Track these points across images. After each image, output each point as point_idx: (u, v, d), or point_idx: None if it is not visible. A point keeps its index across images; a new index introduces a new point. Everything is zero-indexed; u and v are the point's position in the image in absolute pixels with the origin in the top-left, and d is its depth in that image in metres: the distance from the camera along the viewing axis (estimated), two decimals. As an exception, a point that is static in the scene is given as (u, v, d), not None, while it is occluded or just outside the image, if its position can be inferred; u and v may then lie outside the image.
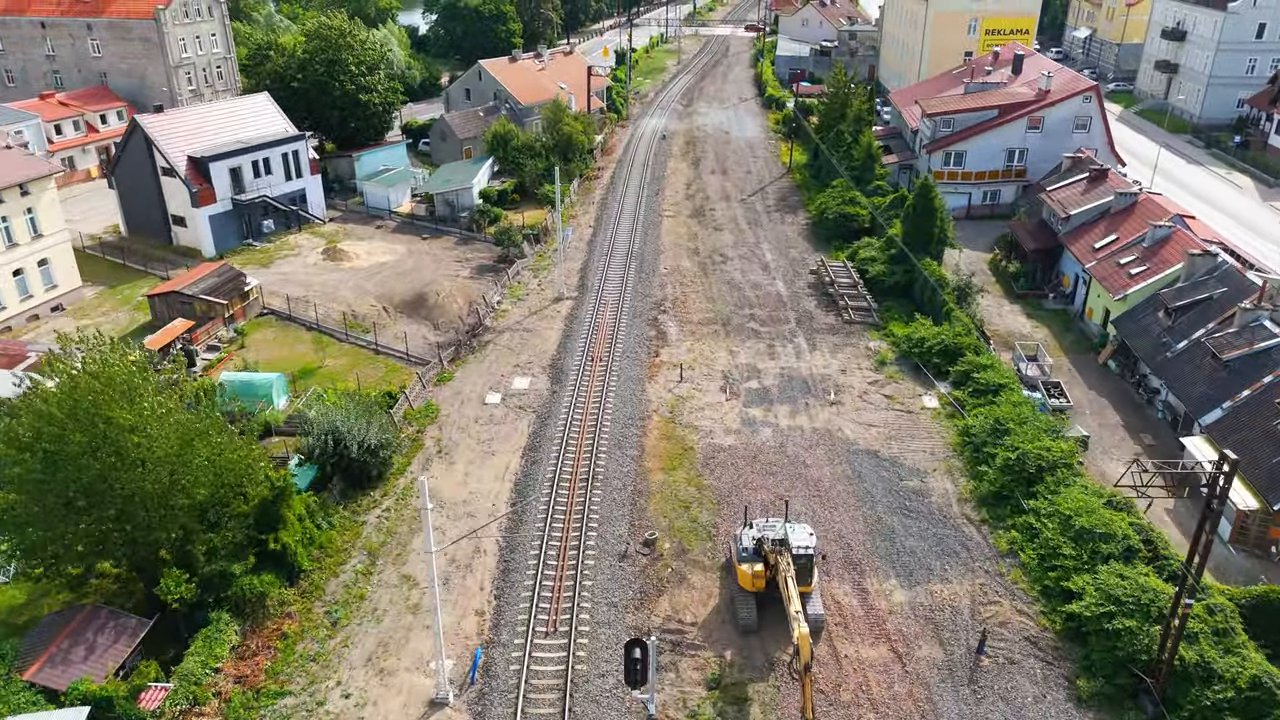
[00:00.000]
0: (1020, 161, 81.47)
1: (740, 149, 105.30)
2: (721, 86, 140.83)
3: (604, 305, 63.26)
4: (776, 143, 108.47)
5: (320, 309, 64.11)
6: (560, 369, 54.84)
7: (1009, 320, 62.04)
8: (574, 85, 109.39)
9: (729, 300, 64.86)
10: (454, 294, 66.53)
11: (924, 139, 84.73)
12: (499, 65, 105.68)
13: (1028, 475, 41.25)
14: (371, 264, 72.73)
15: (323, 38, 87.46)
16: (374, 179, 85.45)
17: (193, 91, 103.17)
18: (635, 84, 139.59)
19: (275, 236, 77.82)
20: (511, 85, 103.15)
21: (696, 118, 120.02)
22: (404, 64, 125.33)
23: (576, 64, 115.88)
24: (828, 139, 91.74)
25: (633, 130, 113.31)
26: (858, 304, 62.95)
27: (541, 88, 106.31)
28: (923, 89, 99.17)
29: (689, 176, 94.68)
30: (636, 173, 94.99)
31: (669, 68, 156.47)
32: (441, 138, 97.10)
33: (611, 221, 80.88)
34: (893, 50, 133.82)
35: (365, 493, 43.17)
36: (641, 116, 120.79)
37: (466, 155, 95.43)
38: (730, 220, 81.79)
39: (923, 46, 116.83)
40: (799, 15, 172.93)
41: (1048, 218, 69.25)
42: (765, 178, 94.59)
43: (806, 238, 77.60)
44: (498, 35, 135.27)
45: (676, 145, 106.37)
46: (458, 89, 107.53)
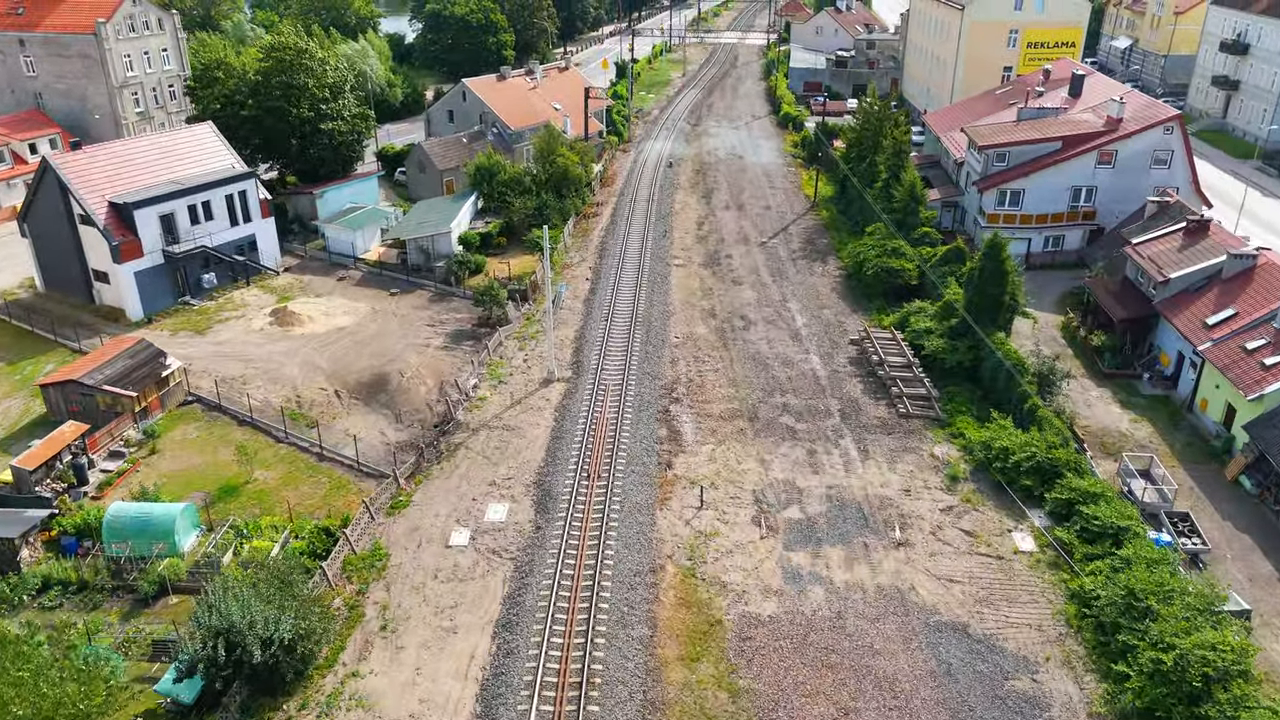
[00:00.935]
0: (1088, 201, 69.98)
1: (756, 178, 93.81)
2: (731, 102, 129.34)
3: (603, 391, 51.74)
4: (796, 170, 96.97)
5: (259, 393, 52.69)
6: (547, 490, 43.29)
7: (1100, 411, 50.50)
8: (570, 106, 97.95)
9: (755, 383, 53.33)
10: (422, 372, 55.02)
11: (972, 173, 73.27)
12: (486, 85, 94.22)
13: (1190, 690, 29.75)
14: (328, 329, 61.24)
15: (277, 58, 75.96)
16: (338, 220, 73.94)
17: (140, 115, 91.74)
18: (638, 100, 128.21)
19: (219, 292, 66.36)
20: (499, 107, 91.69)
21: (706, 139, 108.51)
22: (383, 80, 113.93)
23: (573, 81, 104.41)
24: (858, 170, 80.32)
25: (635, 155, 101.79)
26: (914, 391, 51.41)
27: (533, 109, 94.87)
28: (963, 112, 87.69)
29: (700, 213, 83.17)
30: (640, 209, 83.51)
31: (674, 81, 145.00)
32: (419, 168, 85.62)
33: (612, 272, 69.37)
34: (919, 62, 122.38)
35: (275, 703, 31.60)
36: (645, 139, 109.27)
37: (448, 189, 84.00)
38: (750, 270, 70.27)
39: (957, 61, 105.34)
40: (812, 23, 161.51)
41: (1136, 278, 57.75)
42: (787, 214, 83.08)
43: (841, 293, 66.08)
44: (487, 47, 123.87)
45: (685, 174, 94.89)
46: (440, 111, 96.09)
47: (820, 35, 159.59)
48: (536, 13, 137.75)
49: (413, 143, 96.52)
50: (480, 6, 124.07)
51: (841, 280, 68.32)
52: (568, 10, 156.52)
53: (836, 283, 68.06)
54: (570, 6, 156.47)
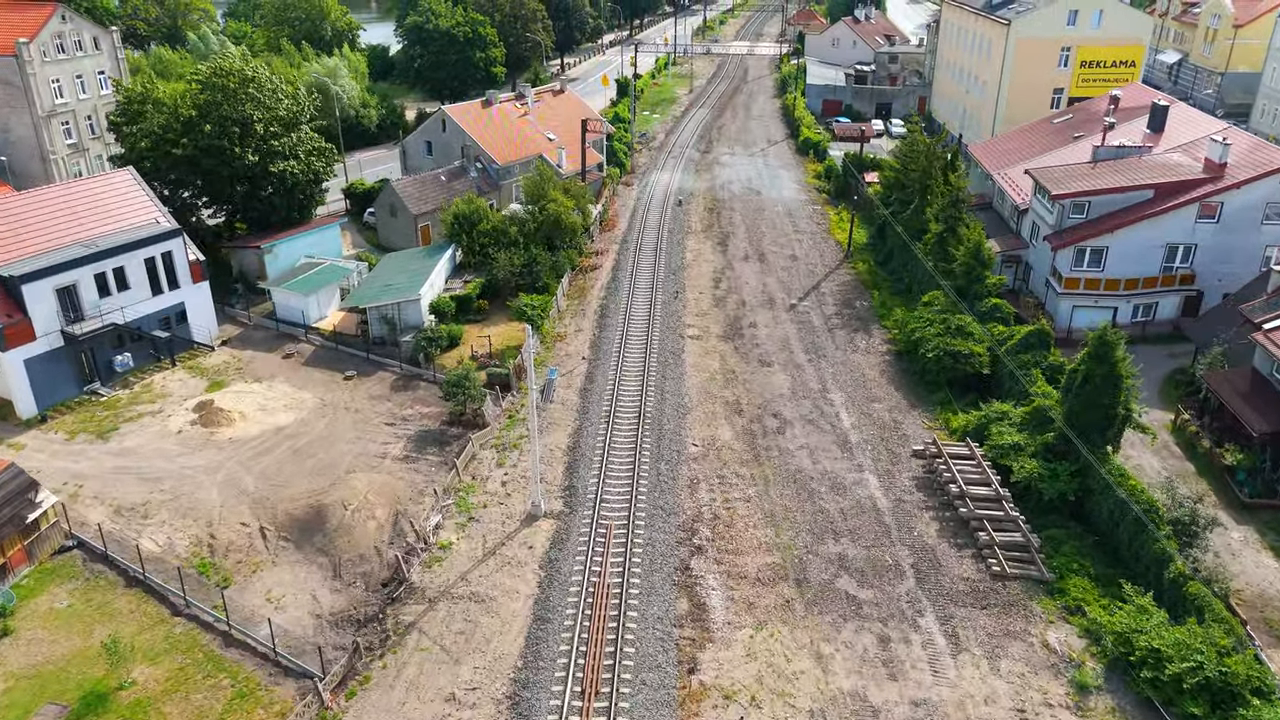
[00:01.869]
0: (1185, 263, 58.33)
1: (777, 218, 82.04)
2: (744, 124, 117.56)
3: (603, 535, 39.97)
4: (821, 208, 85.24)
5: (163, 532, 41.06)
6: (527, 712, 31.48)
7: (1249, 564, 38.77)
8: (565, 135, 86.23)
9: (800, 519, 41.54)
10: (371, 500, 43.24)
11: (1041, 224, 61.60)
12: (469, 113, 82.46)
13: None
14: (262, 430, 49.49)
15: (218, 87, 64.15)
16: (288, 283, 62.15)
17: (73, 147, 79.98)
18: (641, 122, 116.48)
19: (137, 375, 54.65)
20: (485, 138, 79.95)
21: (718, 170, 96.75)
22: (358, 100, 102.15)
23: (569, 105, 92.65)
24: (902, 216, 68.61)
25: (640, 191, 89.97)
26: (1009, 538, 39.63)
27: (524, 140, 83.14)
28: (1018, 144, 76.00)
29: (716, 265, 71.40)
30: (647, 260, 71.74)
31: (680, 98, 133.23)
32: (390, 212, 73.88)
33: (614, 347, 57.64)
34: (951, 81, 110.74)
35: None
36: (650, 169, 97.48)
37: (423, 236, 72.28)
38: (780, 344, 58.52)
39: (1000, 82, 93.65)
40: (829, 34, 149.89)
41: (1271, 373, 46.02)
42: (817, 266, 71.33)
43: (893, 378, 54.34)
44: (475, 63, 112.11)
45: (696, 214, 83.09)
46: (417, 141, 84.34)
47: (837, 47, 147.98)
48: (530, 25, 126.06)
49: (385, 179, 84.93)
50: (467, 19, 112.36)
51: (890, 359, 56.59)
52: (565, 20, 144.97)
53: (885, 362, 56.33)
54: (567, 16, 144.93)
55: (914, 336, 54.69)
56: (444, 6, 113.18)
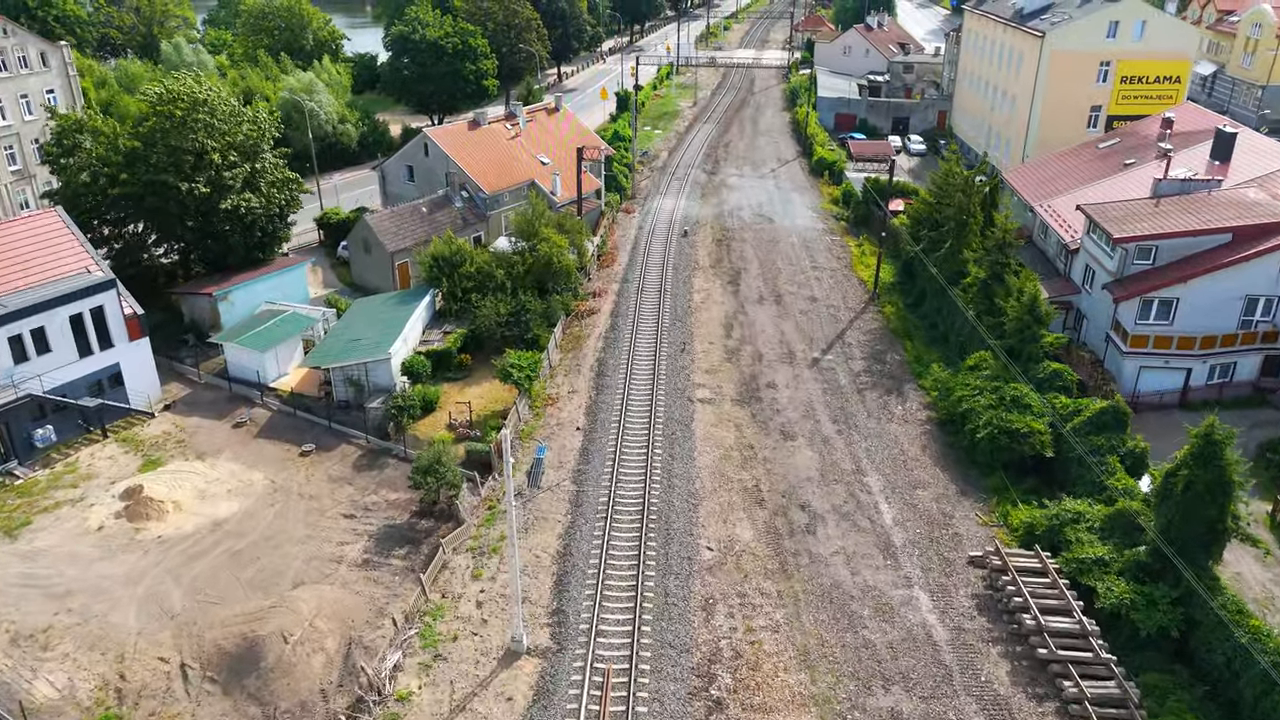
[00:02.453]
0: (1267, 316, 50.92)
1: (793, 251, 74.56)
2: (753, 141, 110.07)
3: (599, 683, 32.47)
4: (840, 238, 77.78)
5: (63, 670, 33.64)
6: None
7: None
8: (561, 157, 78.81)
9: (840, 659, 34.00)
10: (320, 626, 35.70)
11: (1098, 270, 54.19)
12: (453, 135, 74.99)
13: None
14: (198, 527, 42.06)
15: (165, 114, 56.71)
16: (242, 337, 54.64)
17: (17, 174, 72.63)
18: (643, 139, 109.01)
19: (60, 451, 47.29)
20: (471, 164, 72.51)
21: (726, 194, 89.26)
22: (335, 115, 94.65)
23: (565, 124, 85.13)
24: (936, 256, 61.14)
25: (641, 219, 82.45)
26: (1101, 690, 32.11)
27: (515, 165, 75.68)
28: (1060, 171, 68.61)
29: (727, 308, 63.93)
30: (649, 303, 64.25)
31: (683, 112, 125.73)
32: (364, 248, 66.46)
33: (613, 416, 50.11)
34: (975, 95, 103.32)
35: None
36: (652, 193, 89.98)
37: (400, 276, 64.92)
38: (803, 410, 51.04)
39: (1033, 98, 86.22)
40: (840, 42, 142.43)
41: (1398, 466, 38.63)
42: (839, 310, 63.88)
43: (937, 455, 46.88)
44: (464, 75, 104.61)
45: (703, 245, 75.62)
46: (397, 166, 76.88)
47: (849, 56, 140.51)
48: (524, 35, 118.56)
49: (363, 207, 77.46)
50: (457, 30, 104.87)
51: (931, 429, 49.12)
52: (561, 28, 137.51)
53: (925, 433, 48.85)
54: (564, 24, 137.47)
55: (960, 408, 47.17)
56: (432, 16, 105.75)
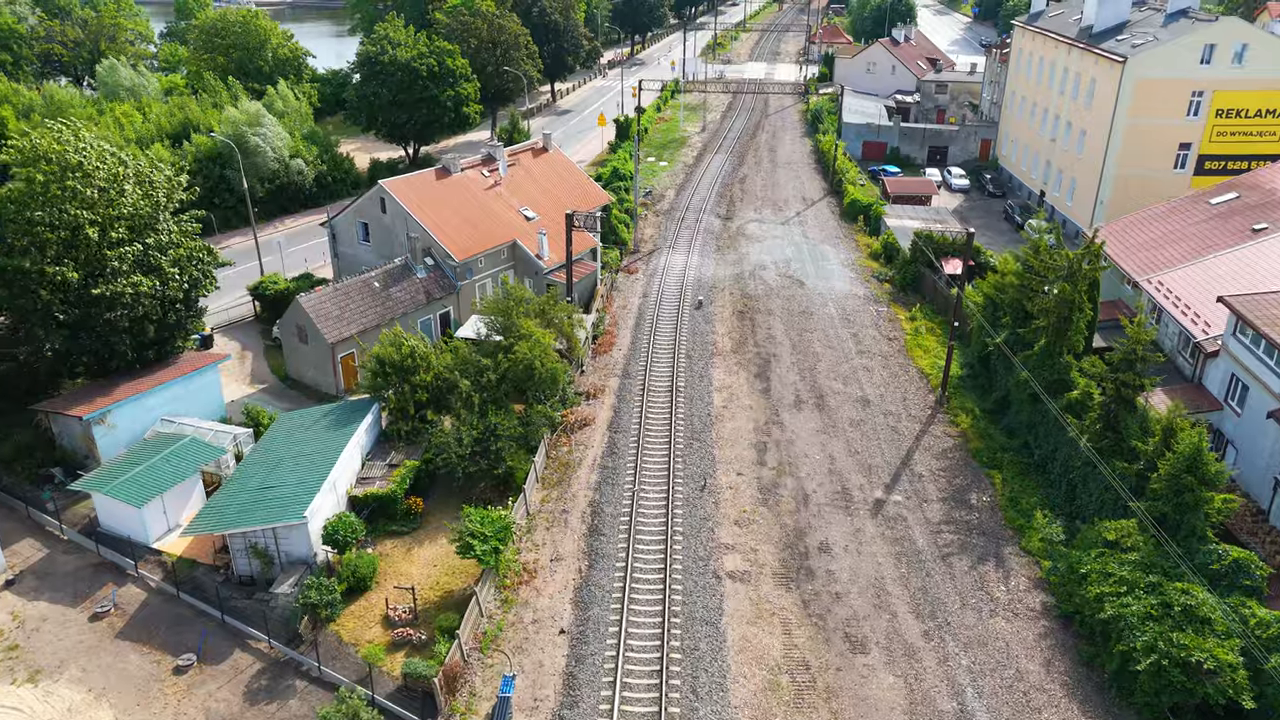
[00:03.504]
0: None
1: (831, 326, 61.03)
2: (771, 175, 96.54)
3: None
4: (887, 307, 64.30)
5: None
6: None
7: None
8: (549, 209, 65.41)
9: None
10: None
11: (1258, 389, 40.73)
12: (417, 188, 61.36)
13: None
14: (0, 821, 28.53)
15: (31, 179, 43.08)
16: (116, 483, 40.99)
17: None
18: (646, 172, 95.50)
19: None
20: (439, 223, 59.08)
21: (745, 246, 75.67)
22: (287, 150, 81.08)
23: (554, 166, 71.59)
24: (1027, 357, 47.47)
25: (646, 282, 68.76)
26: None
27: (493, 222, 62.20)
28: (1164, 234, 55.13)
29: (757, 417, 50.28)
30: (658, 409, 50.58)
31: (690, 138, 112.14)
32: (300, 335, 52.97)
33: (610, 611, 36.47)
34: (1026, 123, 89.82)
35: None
36: (659, 245, 76.33)
37: (345, 374, 51.47)
38: (871, 595, 37.35)
39: (1109, 133, 72.74)
40: (863, 57, 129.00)
41: None
42: (900, 418, 50.25)
43: (1070, 683, 33.23)
44: (441, 102, 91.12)
45: (722, 319, 62.02)
46: (349, 223, 63.33)
47: (873, 74, 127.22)
48: (512, 52, 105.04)
49: (307, 275, 63.89)
50: (433, 49, 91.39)
51: (1050, 626, 35.54)
52: (554, 43, 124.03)
53: (1043, 635, 35.25)
54: (558, 39, 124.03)
55: (1100, 610, 33.51)
56: (404, 34, 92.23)
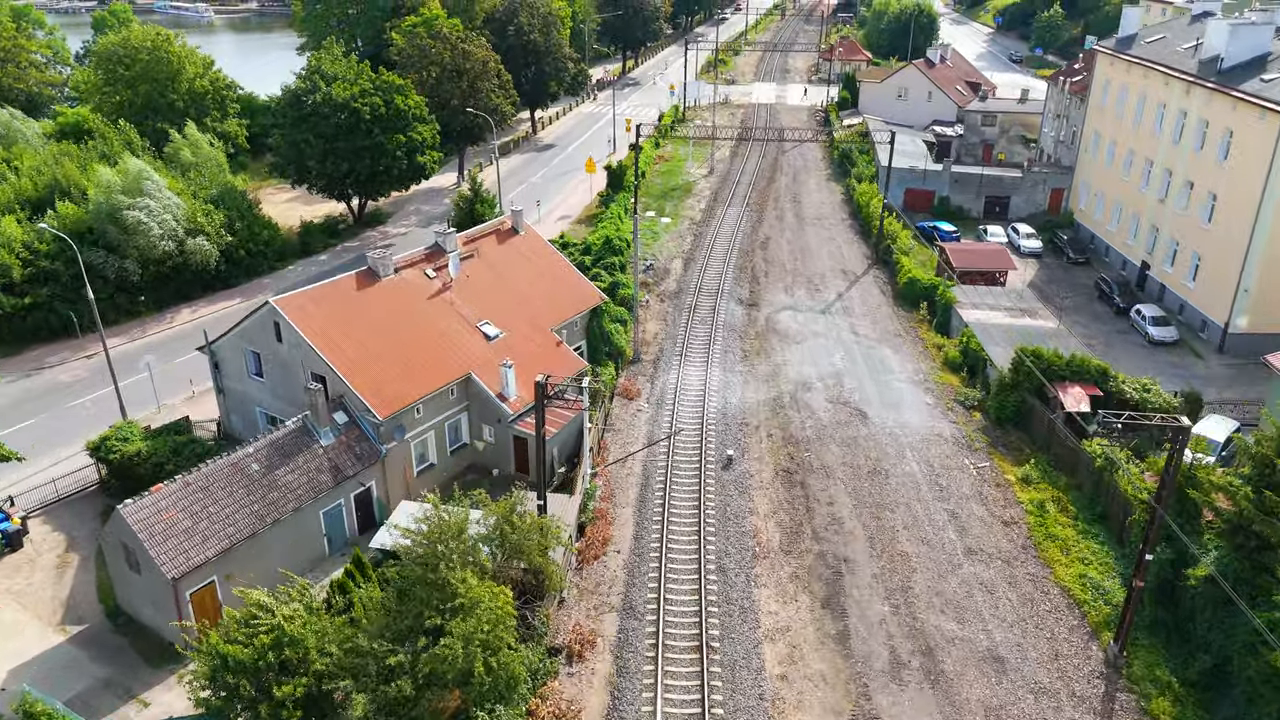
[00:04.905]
0: None
1: (916, 498, 42.99)
2: (799, 236, 78.57)
3: None
4: (988, 458, 46.39)
5: None
6: None
7: None
8: (523, 316, 47.24)
9: None
10: None
11: None
12: (326, 306, 42.88)
13: None
14: None
15: None
16: None
17: None
18: (647, 232, 77.41)
19: None
20: (356, 360, 40.91)
21: (779, 350, 57.56)
22: (181, 222, 62.66)
23: (530, 253, 53.26)
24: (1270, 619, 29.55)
25: (653, 414, 50.30)
26: None
27: (437, 349, 44.00)
28: None
29: (836, 703, 32.14)
30: (680, 694, 32.48)
31: (697, 182, 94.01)
32: (126, 558, 34.63)
33: None
34: (1118, 175, 72.07)
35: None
36: (665, 351, 57.91)
37: (196, 611, 33.18)
38: None
39: (1260, 202, 55.08)
40: (892, 81, 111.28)
41: None
42: (1059, 699, 32.20)
43: None
44: (390, 151, 72.92)
45: (761, 490, 43.71)
46: (236, 351, 44.96)
47: (905, 100, 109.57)
48: (480, 81, 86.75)
49: (181, 424, 45.48)
50: (378, 85, 73.15)
51: None
52: (535, 66, 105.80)
53: None
54: (539, 61, 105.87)
55: None
56: (341, 65, 73.88)
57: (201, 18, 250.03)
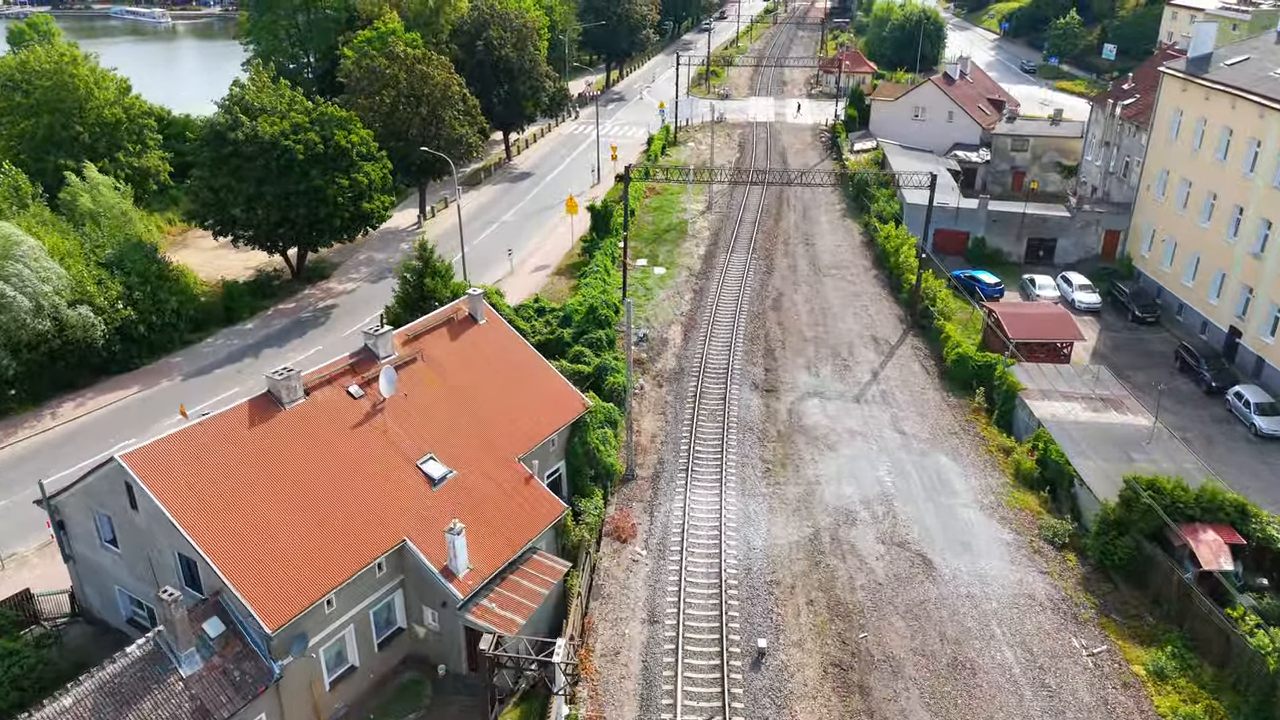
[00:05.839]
0: None
1: (1011, 696, 31.32)
2: (816, 289, 66.89)
3: None
4: (1099, 632, 34.84)
5: None
6: None
7: None
8: (477, 449, 35.26)
9: None
10: None
11: None
12: (197, 459, 30.84)
13: None
14: None
15: None
16: None
17: None
18: (638, 288, 65.53)
19: None
20: (238, 542, 28.85)
21: (809, 464, 45.62)
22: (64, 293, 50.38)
23: (491, 348, 41.26)
24: None
25: (652, 570, 38.40)
26: None
27: (359, 506, 31.86)
28: None
29: None
30: None
31: (694, 223, 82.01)
32: None
33: None
34: (1193, 221, 60.83)
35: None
36: (666, 462, 45.99)
37: None
38: None
39: None
40: (907, 100, 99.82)
41: None
42: None
43: None
44: (329, 197, 60.84)
45: (804, 701, 31.94)
46: (83, 512, 32.88)
47: (923, 121, 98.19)
48: (441, 108, 74.62)
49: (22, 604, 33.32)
50: (315, 117, 61.02)
51: None
52: (508, 85, 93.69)
53: None
54: (512, 80, 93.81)
55: None
56: (270, 94, 61.64)
57: (159, 23, 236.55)
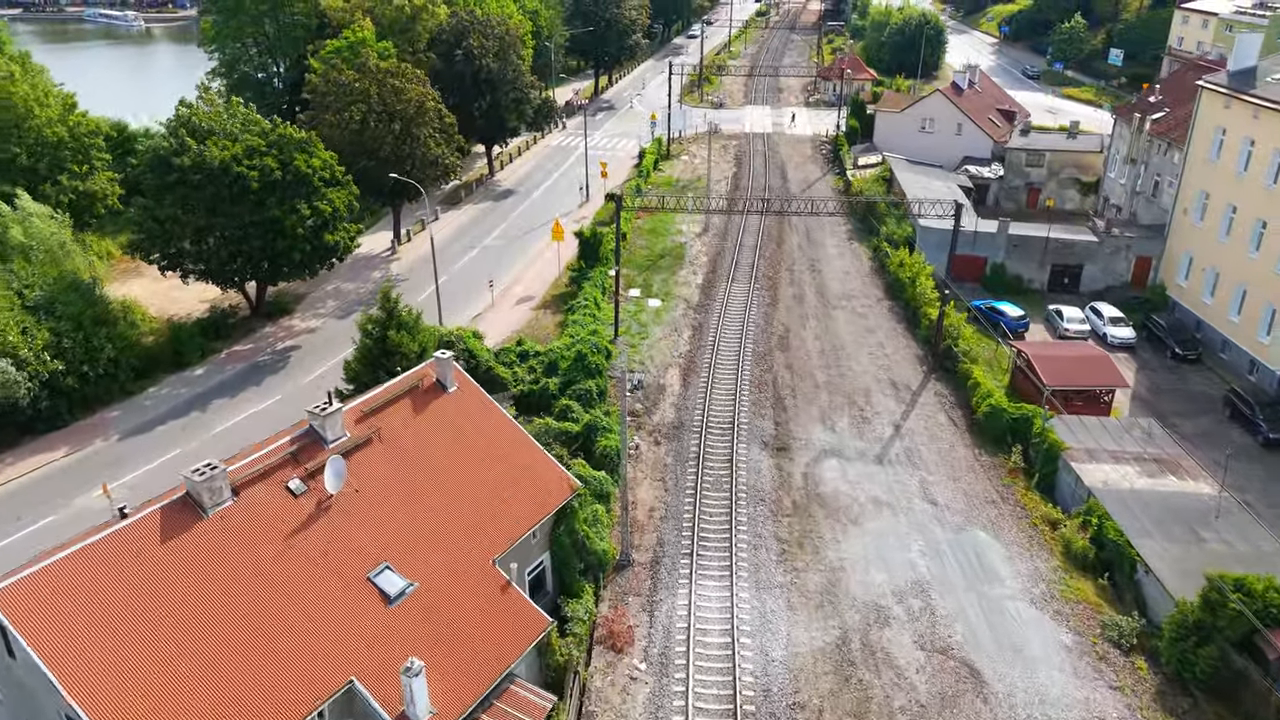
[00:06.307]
0: None
1: None
2: (825, 325, 61.15)
3: None
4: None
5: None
6: None
7: None
8: (444, 551, 29.27)
9: None
10: None
11: None
12: (94, 579, 24.74)
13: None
14: None
15: None
16: None
17: None
18: (631, 324, 59.68)
19: None
20: (132, 709, 22.89)
21: (830, 545, 39.77)
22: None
23: (462, 421, 35.27)
24: None
25: (658, 691, 32.57)
26: None
27: (294, 643, 25.72)
28: None
29: None
30: None
31: (689, 245, 76.14)
32: None
33: None
34: (1239, 250, 55.34)
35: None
36: (666, 544, 40.10)
37: None
38: None
39: None
40: (914, 111, 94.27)
41: None
42: None
43: None
44: (285, 229, 54.76)
45: None
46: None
47: (930, 133, 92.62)
48: (415, 127, 68.58)
49: None
50: (272, 140, 54.97)
51: None
52: (490, 97, 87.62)
53: None
54: (494, 91, 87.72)
55: None
56: (221, 116, 55.51)
57: (132, 26, 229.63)
